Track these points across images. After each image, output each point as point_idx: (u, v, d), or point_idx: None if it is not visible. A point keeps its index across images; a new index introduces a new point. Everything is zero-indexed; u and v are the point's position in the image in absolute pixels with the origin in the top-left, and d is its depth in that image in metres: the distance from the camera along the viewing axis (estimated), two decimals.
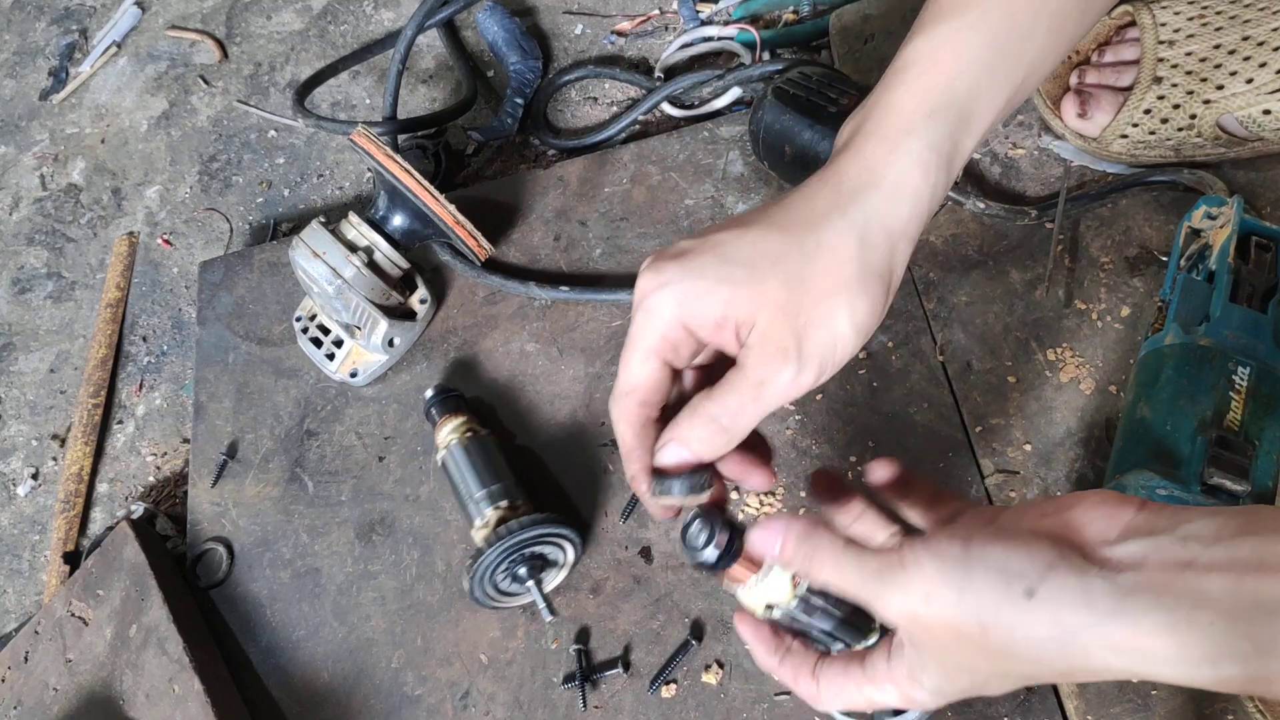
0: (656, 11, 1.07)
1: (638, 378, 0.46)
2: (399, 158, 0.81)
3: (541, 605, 0.72)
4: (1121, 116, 0.77)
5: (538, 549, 0.73)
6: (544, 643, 0.76)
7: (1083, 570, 0.37)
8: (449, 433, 0.79)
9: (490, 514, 0.74)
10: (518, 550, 0.71)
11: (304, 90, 1.01)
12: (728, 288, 0.43)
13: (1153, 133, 0.77)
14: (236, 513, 0.87)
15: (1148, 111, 0.76)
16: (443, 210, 0.82)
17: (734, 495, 0.77)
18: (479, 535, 0.74)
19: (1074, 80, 0.82)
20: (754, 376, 0.43)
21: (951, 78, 0.46)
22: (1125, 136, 0.78)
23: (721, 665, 0.72)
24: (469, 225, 0.83)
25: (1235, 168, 0.78)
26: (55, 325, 1.11)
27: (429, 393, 0.83)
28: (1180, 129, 0.76)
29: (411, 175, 0.81)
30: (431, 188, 0.81)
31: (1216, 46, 0.75)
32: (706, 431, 0.44)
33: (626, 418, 0.47)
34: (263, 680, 0.80)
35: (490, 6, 1.07)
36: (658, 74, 1.02)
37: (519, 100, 1.04)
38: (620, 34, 1.08)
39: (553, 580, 0.76)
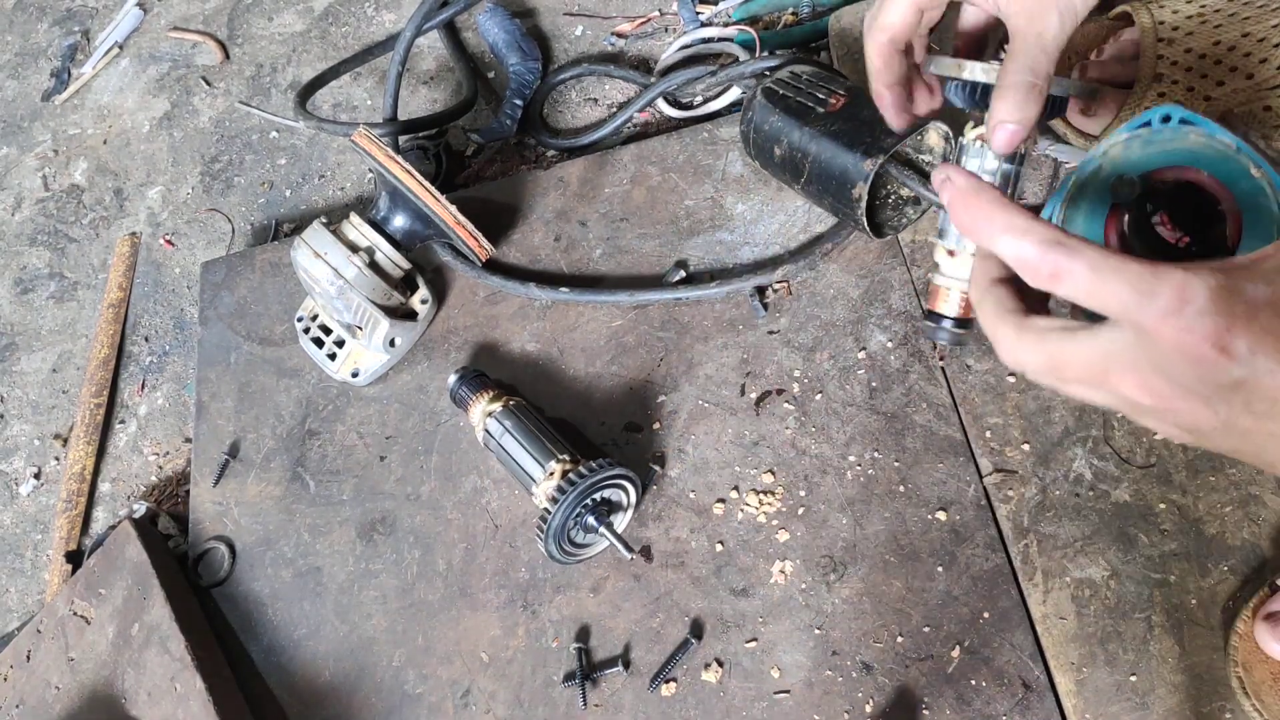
0: (656, 13, 1.08)
1: (894, 18, 0.58)
2: (400, 158, 0.81)
3: (620, 546, 0.73)
4: (1122, 114, 0.77)
5: (604, 493, 0.74)
6: (544, 641, 0.76)
7: None
8: (488, 404, 0.80)
9: (555, 467, 0.75)
10: (587, 496, 0.72)
11: (305, 92, 1.01)
12: None
13: None
14: (238, 512, 0.88)
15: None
16: (444, 210, 0.82)
17: (733, 494, 0.77)
18: (544, 491, 0.74)
19: (1075, 76, 0.82)
20: (1032, 32, 0.53)
21: None
22: None
23: (721, 664, 0.72)
24: (470, 225, 0.84)
25: None
26: (57, 325, 1.12)
27: (453, 377, 0.83)
28: None
29: (412, 176, 0.81)
30: (432, 188, 0.82)
31: (1216, 43, 0.75)
32: (1024, 95, 0.53)
33: (878, 49, 0.60)
34: (264, 678, 0.80)
35: (490, 8, 1.08)
36: (657, 72, 1.03)
37: (518, 102, 1.04)
38: (620, 35, 1.08)
39: (620, 523, 0.77)
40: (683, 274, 0.87)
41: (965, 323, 0.65)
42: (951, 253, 0.65)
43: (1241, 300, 0.34)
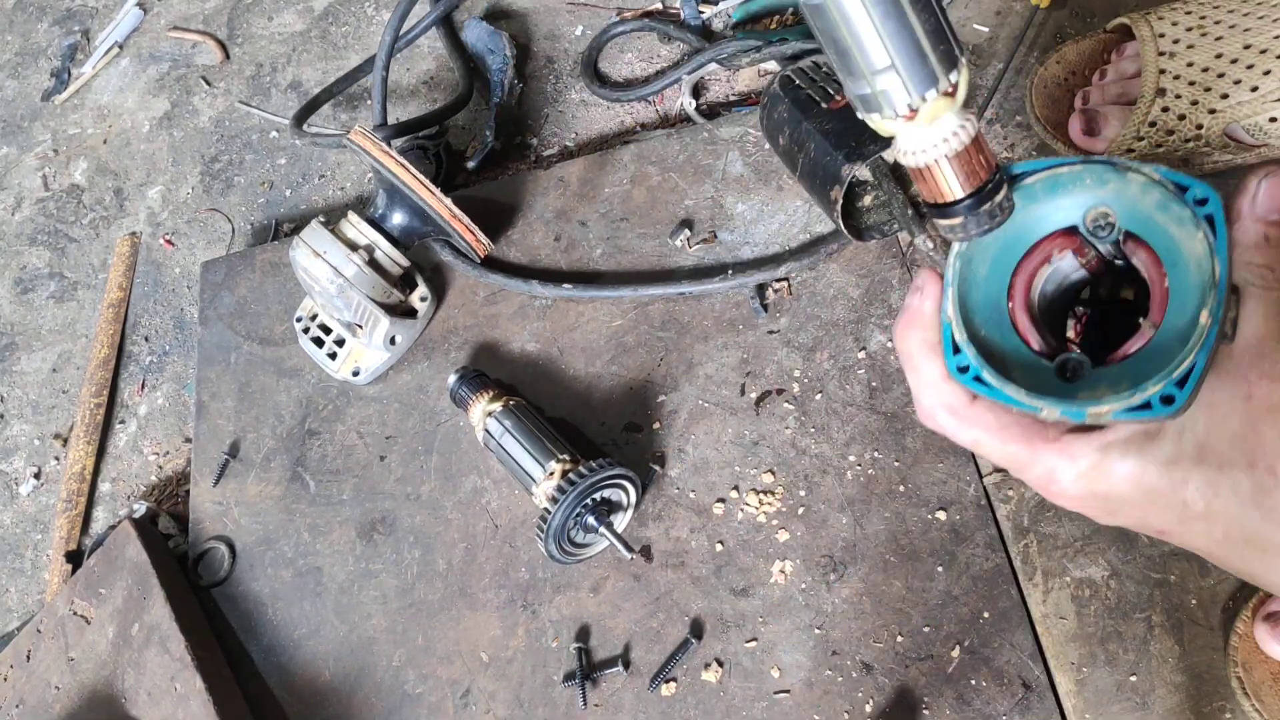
0: (659, 5, 1.07)
1: None
2: (395, 154, 0.81)
3: (619, 546, 0.73)
4: (1126, 130, 0.76)
5: (604, 493, 0.74)
6: (544, 641, 0.76)
7: None
8: (488, 404, 0.80)
9: (555, 467, 0.75)
10: (588, 496, 0.72)
11: (302, 115, 1.02)
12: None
13: (1159, 145, 0.76)
14: (238, 512, 0.88)
15: (1153, 124, 0.76)
16: (439, 204, 0.82)
17: (733, 493, 0.77)
18: (544, 491, 0.74)
19: (1078, 103, 0.82)
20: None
21: None
22: (1132, 150, 0.77)
23: (721, 663, 0.72)
24: (466, 219, 0.84)
25: (1235, 174, 0.78)
26: (58, 325, 1.11)
27: (453, 377, 0.83)
28: (1188, 140, 0.76)
29: (407, 170, 0.81)
30: (428, 183, 0.82)
31: (1219, 56, 0.75)
32: None
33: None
34: (264, 678, 0.80)
35: (473, 20, 1.08)
36: (716, 16, 1.01)
37: (495, 100, 1.04)
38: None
39: (620, 523, 0.77)
40: (687, 233, 0.87)
41: (983, 193, 0.38)
42: (914, 112, 0.37)
43: (1105, 480, 0.37)
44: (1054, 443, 0.38)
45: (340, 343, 0.89)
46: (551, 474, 0.74)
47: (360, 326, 0.86)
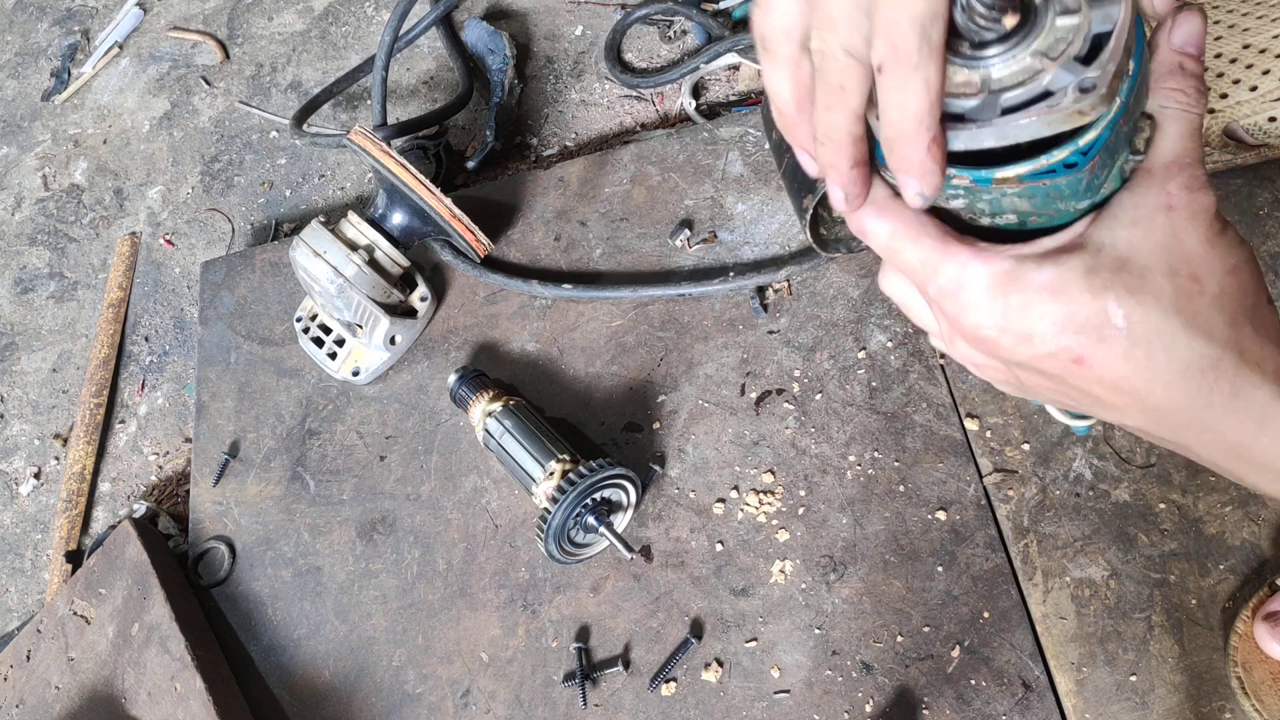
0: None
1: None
2: (395, 154, 0.82)
3: (619, 545, 0.73)
4: None
5: (604, 493, 0.74)
6: (544, 641, 0.76)
7: None
8: (488, 404, 0.80)
9: (555, 467, 0.75)
10: (588, 496, 0.72)
11: (302, 115, 1.02)
12: None
13: None
14: (238, 511, 0.88)
15: None
16: (440, 205, 0.82)
17: (733, 493, 0.77)
18: (544, 491, 0.74)
19: None
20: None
21: None
22: None
23: (721, 663, 0.72)
24: (466, 219, 0.84)
25: (1235, 173, 0.78)
26: (58, 325, 1.11)
27: (453, 377, 0.83)
28: None
29: (408, 170, 0.81)
30: (428, 183, 0.82)
31: (1218, 56, 0.75)
32: None
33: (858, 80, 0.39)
34: (264, 678, 0.80)
35: (473, 20, 1.09)
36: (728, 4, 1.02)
37: (495, 100, 1.04)
38: None
39: (620, 523, 0.77)
40: (687, 233, 0.87)
41: None
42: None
43: (1020, 288, 0.36)
44: (969, 245, 0.38)
45: (340, 343, 0.89)
46: (551, 474, 0.74)
47: (360, 326, 0.86)
